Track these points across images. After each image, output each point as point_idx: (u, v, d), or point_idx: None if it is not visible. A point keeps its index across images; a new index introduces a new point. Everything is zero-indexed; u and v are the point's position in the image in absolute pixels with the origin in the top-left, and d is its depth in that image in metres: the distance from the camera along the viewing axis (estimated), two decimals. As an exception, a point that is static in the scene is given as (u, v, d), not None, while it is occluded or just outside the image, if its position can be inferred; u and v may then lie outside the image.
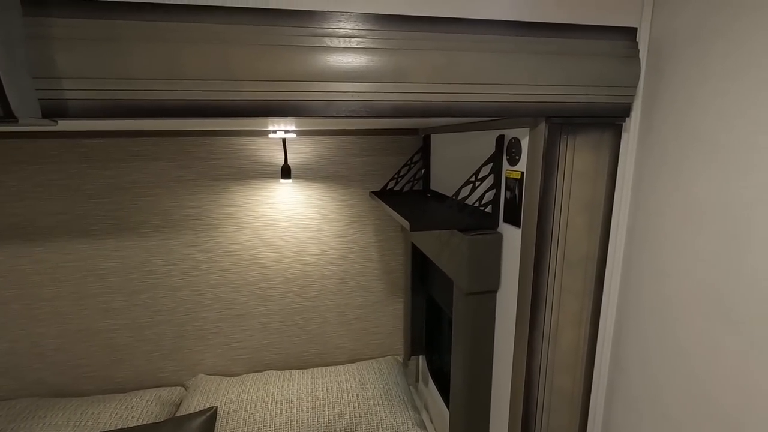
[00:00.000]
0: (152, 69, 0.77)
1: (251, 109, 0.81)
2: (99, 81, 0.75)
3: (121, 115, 0.79)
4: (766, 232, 0.75)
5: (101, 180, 1.73)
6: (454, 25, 0.87)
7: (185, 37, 0.77)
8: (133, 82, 0.77)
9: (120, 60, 0.75)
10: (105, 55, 0.75)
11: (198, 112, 0.80)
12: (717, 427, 0.86)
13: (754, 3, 0.75)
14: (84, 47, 0.74)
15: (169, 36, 0.76)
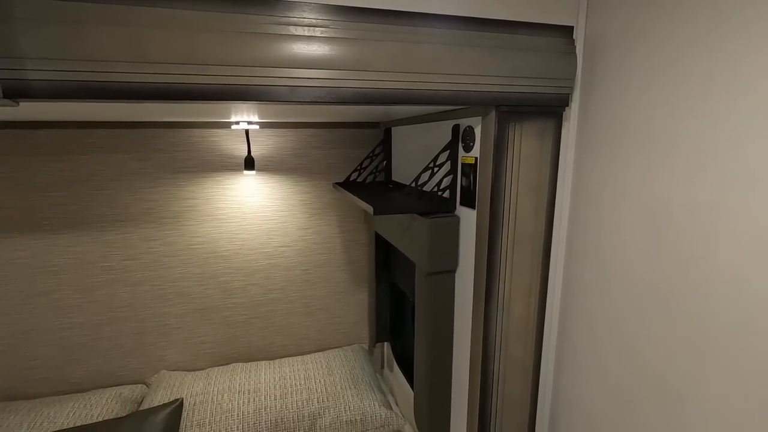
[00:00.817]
0: (116, 51, 0.78)
1: (215, 92, 0.84)
2: (62, 62, 0.76)
3: (84, 97, 0.79)
4: (683, 210, 0.87)
5: (53, 173, 1.67)
6: (408, 18, 0.93)
7: (149, 21, 0.79)
8: (96, 64, 0.78)
9: (84, 42, 0.76)
10: (69, 36, 0.75)
11: (162, 94, 0.82)
12: (648, 385, 0.98)
13: (670, 10, 0.87)
14: (47, 28, 0.74)
15: (133, 19, 0.78)
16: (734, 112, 0.76)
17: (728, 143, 0.77)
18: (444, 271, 1.32)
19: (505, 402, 1.27)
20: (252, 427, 1.56)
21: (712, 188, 0.81)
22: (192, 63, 0.81)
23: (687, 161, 0.85)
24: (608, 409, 1.10)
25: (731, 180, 0.77)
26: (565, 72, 1.08)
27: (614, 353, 1.07)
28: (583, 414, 1.19)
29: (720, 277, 0.80)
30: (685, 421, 0.89)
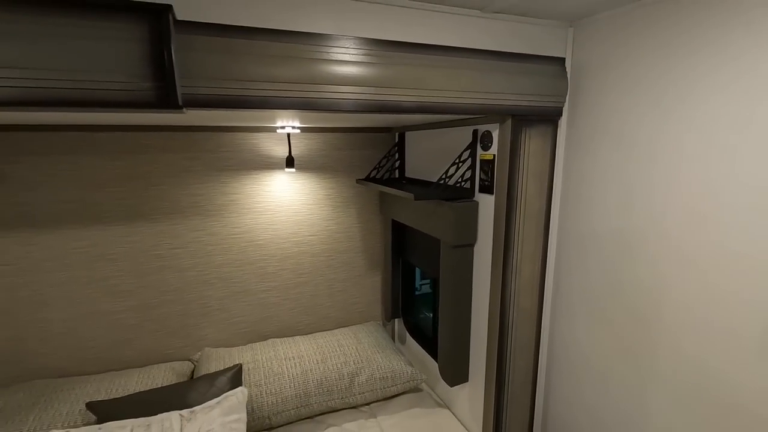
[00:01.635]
0: (254, 73, 1.07)
1: (295, 104, 1.11)
2: (220, 81, 1.04)
3: (233, 107, 1.08)
4: (643, 188, 1.26)
5: (113, 170, 1.88)
6: (450, 51, 1.28)
7: (271, 53, 1.07)
8: (242, 83, 1.07)
9: (234, 66, 1.05)
10: (224, 63, 1.04)
11: (281, 105, 1.12)
12: (625, 314, 1.37)
13: (634, 47, 1.27)
14: (211, 57, 1.03)
15: (259, 51, 1.07)
16: (677, 119, 1.16)
17: (674, 140, 1.17)
18: (466, 244, 1.67)
19: (516, 345, 1.63)
20: (301, 385, 1.84)
21: (662, 172, 1.20)
22: (290, 82, 1.10)
23: (646, 154, 1.25)
24: (593, 341, 1.49)
25: (675, 165, 1.17)
26: (560, 90, 1.46)
27: (601, 291, 1.45)
28: (575, 350, 1.57)
29: (669, 226, 1.19)
30: (652, 337, 1.29)
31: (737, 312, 1.07)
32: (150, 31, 0.93)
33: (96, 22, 0.89)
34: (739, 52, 1.02)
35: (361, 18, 1.19)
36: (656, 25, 1.20)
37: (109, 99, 0.92)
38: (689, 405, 1.20)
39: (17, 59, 0.85)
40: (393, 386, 1.97)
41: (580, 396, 1.58)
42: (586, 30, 1.42)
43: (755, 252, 1.02)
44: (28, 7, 0.85)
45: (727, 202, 1.07)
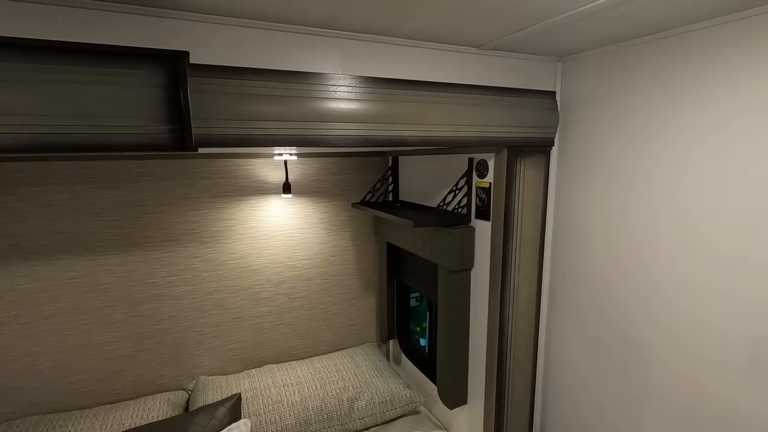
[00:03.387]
0: (265, 113, 1.10)
1: (299, 141, 1.15)
2: (232, 121, 1.07)
3: (245, 145, 1.11)
4: (625, 210, 1.34)
5: (108, 199, 1.86)
6: (450, 87, 1.34)
7: (280, 93, 1.11)
8: (253, 122, 1.10)
9: (245, 107, 1.08)
10: (236, 104, 1.07)
11: (290, 142, 1.15)
12: (616, 338, 1.43)
13: (617, 84, 1.36)
14: (224, 99, 1.05)
15: (268, 92, 1.10)
16: (653, 151, 1.24)
17: (649, 168, 1.25)
18: (464, 269, 1.72)
19: (515, 366, 1.67)
20: (301, 413, 1.83)
21: (641, 196, 1.28)
22: (298, 120, 1.14)
23: (628, 180, 1.33)
24: (587, 362, 1.55)
25: (649, 195, 1.25)
26: (552, 122, 1.54)
27: (590, 317, 1.52)
28: (570, 370, 1.63)
29: (648, 255, 1.27)
30: (643, 357, 1.35)
31: (725, 334, 1.14)
32: (167, 76, 0.95)
33: (116, 69, 0.91)
34: (715, 95, 1.11)
35: (364, 58, 1.24)
36: (638, 64, 1.29)
37: (128, 143, 0.93)
38: (682, 423, 1.27)
39: (37, 106, 0.85)
40: (392, 410, 1.98)
41: (576, 415, 1.63)
42: (573, 66, 1.51)
43: (733, 276, 1.09)
44: (49, 55, 0.86)
45: (700, 230, 1.15)
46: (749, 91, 1.04)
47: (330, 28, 1.16)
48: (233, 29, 1.06)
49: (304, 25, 1.13)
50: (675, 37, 1.18)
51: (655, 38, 1.23)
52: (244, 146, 1.10)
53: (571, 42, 1.34)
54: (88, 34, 0.92)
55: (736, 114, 1.07)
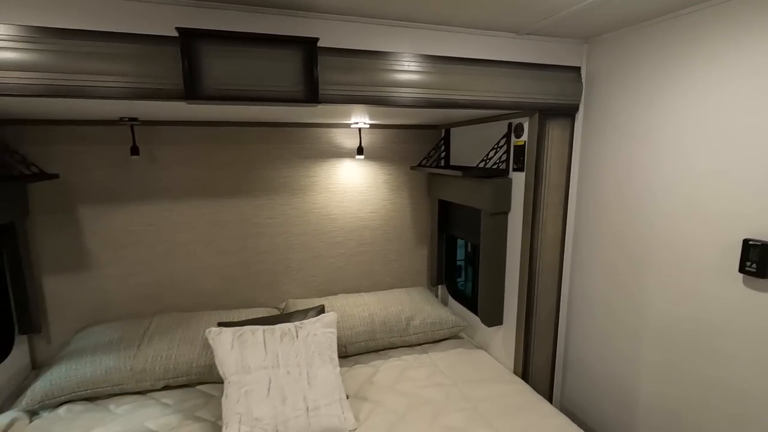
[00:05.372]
0: (365, 80, 1.60)
1: (386, 101, 1.64)
2: (343, 86, 1.57)
3: (346, 102, 1.61)
4: (640, 168, 1.71)
5: (228, 156, 2.45)
6: (493, 63, 1.77)
7: (367, 66, 1.60)
8: (353, 86, 1.59)
9: (352, 76, 1.58)
10: (346, 73, 1.57)
11: (378, 102, 1.64)
12: (627, 262, 1.81)
13: (633, 60, 1.73)
14: (339, 72, 1.55)
15: (369, 66, 1.59)
16: (663, 113, 1.61)
17: (660, 129, 1.62)
18: (502, 212, 2.15)
19: (541, 290, 2.08)
20: (369, 324, 2.34)
21: (651, 152, 1.65)
22: (384, 86, 1.62)
23: (640, 139, 1.70)
24: (601, 284, 1.93)
25: (659, 148, 1.62)
26: (576, 92, 1.93)
27: (607, 247, 1.90)
28: (589, 294, 2.01)
29: (657, 190, 1.64)
30: (644, 278, 1.72)
31: (706, 244, 1.50)
32: (304, 54, 1.47)
33: (274, 50, 1.44)
34: (713, 62, 1.47)
35: (428, 42, 1.70)
36: (651, 43, 1.66)
37: (281, 97, 1.47)
38: (670, 326, 1.64)
39: (233, 73, 1.40)
40: (440, 330, 2.45)
41: (593, 331, 2.02)
42: (597, 46, 1.89)
43: (719, 204, 1.46)
44: (236, 40, 1.41)
45: (697, 172, 1.51)
46: (742, 59, 1.39)
47: (406, 20, 1.63)
48: (345, 24, 1.56)
49: (389, 18, 1.61)
50: (685, 16, 1.53)
51: (665, 19, 1.59)
52: (346, 103, 1.61)
53: (593, 26, 1.73)
54: (259, 27, 1.45)
55: (731, 77, 1.40)
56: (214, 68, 1.40)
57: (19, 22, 1.26)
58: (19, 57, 1.25)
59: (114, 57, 1.33)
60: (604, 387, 1.97)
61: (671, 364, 1.65)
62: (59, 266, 2.26)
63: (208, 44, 1.38)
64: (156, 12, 1.37)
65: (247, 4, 1.43)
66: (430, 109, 1.78)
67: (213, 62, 1.39)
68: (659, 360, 1.69)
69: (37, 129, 2.12)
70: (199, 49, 1.37)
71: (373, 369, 2.22)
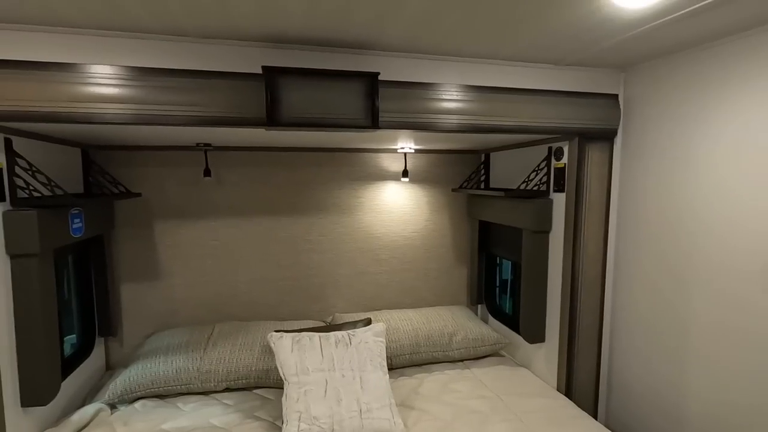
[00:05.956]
0: (414, 107, 1.78)
1: (436, 127, 1.82)
2: (399, 113, 1.76)
3: (402, 128, 1.79)
4: (677, 187, 1.79)
5: (285, 178, 2.69)
6: (535, 92, 1.92)
7: (419, 96, 1.78)
8: (408, 114, 1.78)
9: (408, 103, 1.77)
10: (402, 100, 1.76)
11: (427, 128, 1.81)
12: (672, 279, 1.86)
13: (667, 90, 1.84)
14: (395, 100, 1.75)
15: (415, 95, 1.78)
16: (697, 138, 1.70)
17: (694, 152, 1.71)
18: (543, 231, 2.25)
19: (584, 307, 2.14)
20: (413, 337, 2.45)
21: (687, 174, 1.73)
22: (434, 113, 1.80)
23: (676, 161, 1.79)
24: (643, 301, 1.97)
25: (694, 169, 1.70)
26: (614, 118, 2.05)
27: (649, 265, 1.95)
28: (632, 311, 2.06)
29: (698, 208, 1.71)
30: (689, 292, 1.77)
31: (748, 257, 1.56)
32: (367, 87, 1.68)
33: (344, 83, 1.65)
34: (748, 91, 1.57)
35: (474, 73, 1.88)
36: (685, 71, 1.77)
37: (345, 124, 1.67)
38: (717, 340, 1.67)
39: (307, 103, 1.62)
40: (482, 346, 2.52)
41: (637, 349, 2.04)
42: (634, 74, 2.01)
43: (759, 222, 1.52)
44: (310, 75, 1.63)
45: (735, 190, 1.58)
46: None
47: (454, 55, 1.83)
48: (402, 59, 1.77)
49: (440, 54, 1.81)
50: (718, 47, 1.64)
51: (697, 49, 1.71)
52: (401, 128, 1.79)
53: (628, 57, 1.87)
54: (329, 64, 1.68)
55: (763, 101, 1.50)
56: (292, 99, 1.62)
57: (142, 64, 1.53)
58: (132, 93, 1.52)
59: (208, 90, 1.58)
60: (650, 407, 1.98)
61: (718, 384, 1.67)
62: (135, 275, 2.52)
63: (287, 79, 1.61)
64: (245, 54, 1.62)
65: (320, 45, 1.67)
66: (474, 133, 1.94)
67: (291, 94, 1.62)
68: (706, 381, 1.71)
69: (125, 153, 2.43)
70: (280, 83, 1.60)
71: (418, 381, 2.31)
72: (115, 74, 1.51)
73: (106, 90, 1.51)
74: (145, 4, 1.31)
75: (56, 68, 1.46)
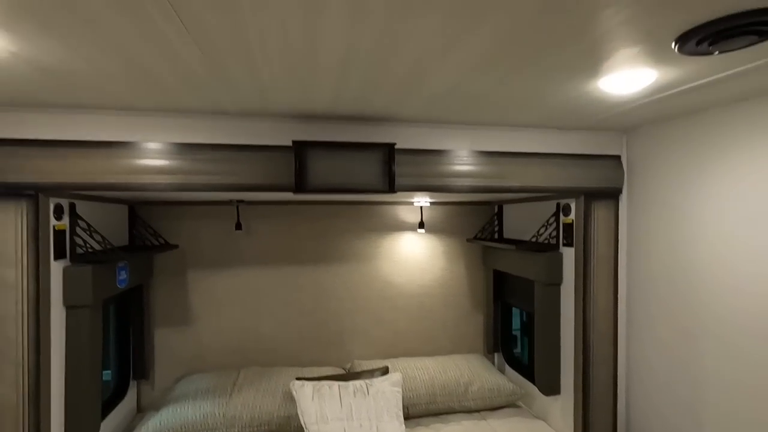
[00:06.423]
0: (427, 172, 1.96)
1: (444, 189, 1.98)
2: (414, 177, 1.93)
3: (416, 190, 1.96)
4: (680, 244, 1.88)
5: (308, 229, 2.88)
6: (541, 155, 2.08)
7: (430, 161, 1.96)
8: (421, 178, 1.95)
9: (421, 168, 1.94)
10: (415, 168, 1.94)
11: (438, 190, 1.98)
12: (676, 332, 1.91)
13: (667, 153, 1.97)
14: (408, 167, 1.93)
15: (429, 162, 1.95)
16: (695, 197, 1.80)
17: (693, 211, 1.80)
18: (554, 283, 2.33)
19: (596, 360, 2.18)
20: (430, 387, 2.50)
21: (688, 231, 1.82)
22: (445, 176, 1.97)
23: (682, 220, 1.88)
24: (659, 358, 2.00)
25: (696, 226, 1.79)
26: (618, 177, 2.17)
27: (658, 319, 2.00)
28: (645, 364, 2.08)
29: (701, 265, 1.78)
30: (699, 348, 1.81)
31: (753, 315, 1.61)
32: (384, 155, 1.87)
33: (363, 153, 1.85)
34: (747, 155, 1.68)
35: (484, 139, 2.06)
36: (686, 134, 1.89)
37: (365, 189, 1.85)
38: (732, 398, 1.69)
39: (331, 171, 1.82)
40: (498, 397, 2.55)
41: (653, 403, 2.05)
42: (635, 136, 2.15)
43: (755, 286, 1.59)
44: (334, 147, 1.83)
45: (737, 248, 1.66)
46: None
47: (465, 123, 2.01)
48: (417, 128, 1.97)
49: (452, 123, 2.00)
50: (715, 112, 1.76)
51: (696, 114, 1.85)
52: (416, 191, 1.97)
53: (630, 122, 2.01)
54: (351, 136, 1.89)
55: (761, 165, 1.61)
56: (317, 168, 1.82)
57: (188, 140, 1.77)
58: (179, 164, 1.75)
59: (245, 161, 1.80)
60: (669, 464, 1.96)
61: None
62: (168, 320, 2.70)
63: (314, 150, 1.82)
64: (277, 128, 1.85)
65: (343, 119, 1.88)
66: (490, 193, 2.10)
67: (316, 164, 1.82)
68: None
69: (166, 208, 2.68)
70: (307, 154, 1.81)
71: (434, 431, 2.35)
72: (164, 150, 1.75)
73: (157, 162, 1.74)
74: (195, 94, 1.55)
75: (117, 146, 1.71)
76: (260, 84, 1.42)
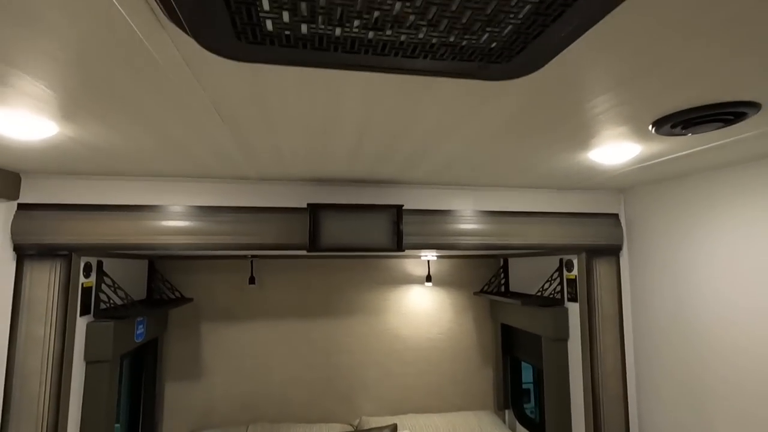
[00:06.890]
0: (429, 231, 2.06)
1: (450, 246, 2.07)
2: (418, 236, 2.04)
3: (420, 248, 2.06)
4: (681, 300, 1.93)
5: (319, 282, 2.96)
6: (541, 214, 2.18)
7: (436, 220, 2.07)
8: (424, 236, 2.05)
9: (426, 227, 2.05)
10: (421, 225, 2.05)
11: (442, 247, 2.07)
12: (685, 392, 1.91)
13: (664, 211, 2.06)
14: (415, 225, 2.04)
15: (434, 221, 2.06)
16: (693, 254, 1.87)
17: (689, 268, 1.87)
18: (561, 339, 2.35)
19: (607, 418, 2.15)
20: (439, 445, 2.47)
21: (693, 289, 1.87)
22: (450, 235, 2.07)
23: (681, 276, 1.94)
24: (669, 422, 1.98)
25: (700, 285, 1.84)
26: (617, 235, 2.26)
27: (666, 379, 2.00)
28: (658, 424, 2.06)
29: (705, 322, 1.81)
30: (708, 409, 1.81)
31: (758, 377, 1.62)
32: (393, 216, 1.99)
33: (373, 214, 1.97)
34: (740, 217, 1.77)
35: (486, 199, 2.18)
36: (675, 195, 1.99)
37: (374, 248, 1.96)
38: (742, 458, 1.67)
39: (342, 231, 1.93)
40: (509, 458, 2.49)
41: (668, 466, 2.00)
42: (632, 195, 2.25)
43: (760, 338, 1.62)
44: (346, 209, 1.96)
45: (737, 304, 1.71)
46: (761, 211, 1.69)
47: (469, 185, 2.14)
48: (423, 190, 2.10)
49: (456, 185, 2.13)
50: (707, 174, 1.88)
51: (687, 177, 1.96)
52: (422, 249, 2.06)
53: (626, 182, 2.13)
54: (361, 198, 2.02)
55: (753, 222, 1.71)
56: (330, 228, 1.94)
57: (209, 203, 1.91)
58: (200, 226, 1.88)
59: (262, 222, 1.93)
60: None
61: None
62: (180, 373, 2.73)
63: (327, 212, 1.94)
64: (293, 191, 1.99)
65: (353, 181, 2.03)
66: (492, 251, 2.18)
67: (329, 224, 1.94)
68: (740, 503, 1.67)
69: (182, 262, 2.80)
70: (321, 215, 1.93)
71: (444, 494, 2.29)
72: (187, 212, 1.88)
73: (180, 224, 1.87)
74: (219, 161, 1.70)
75: (144, 209, 1.85)
76: (281, 158, 1.57)
